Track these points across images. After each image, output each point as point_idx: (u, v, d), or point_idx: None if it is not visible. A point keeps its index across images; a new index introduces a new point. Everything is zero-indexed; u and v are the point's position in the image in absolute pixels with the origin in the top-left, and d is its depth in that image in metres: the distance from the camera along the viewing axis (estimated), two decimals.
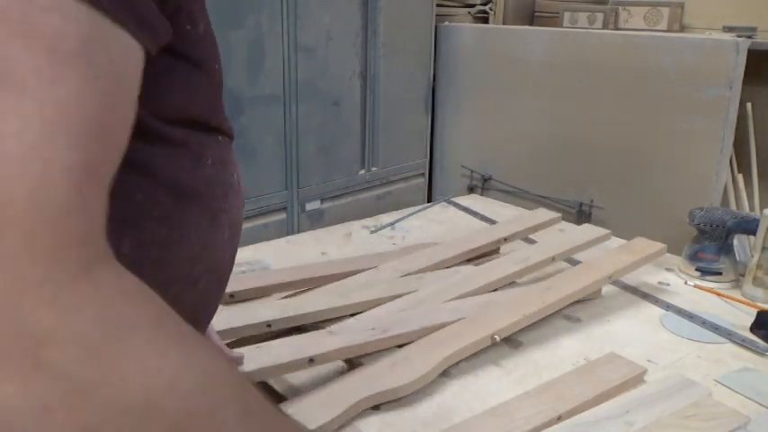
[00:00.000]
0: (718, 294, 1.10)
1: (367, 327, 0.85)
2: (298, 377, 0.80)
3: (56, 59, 0.29)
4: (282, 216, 1.93)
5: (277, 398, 0.76)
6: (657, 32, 2.08)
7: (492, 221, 1.42)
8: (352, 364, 0.83)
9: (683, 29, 2.30)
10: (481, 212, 1.50)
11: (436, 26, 2.33)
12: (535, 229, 1.24)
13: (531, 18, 2.58)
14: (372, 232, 1.36)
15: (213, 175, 0.49)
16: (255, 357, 0.76)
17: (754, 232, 1.10)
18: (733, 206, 2.03)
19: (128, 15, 0.33)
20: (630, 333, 0.97)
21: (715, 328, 0.97)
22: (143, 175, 0.43)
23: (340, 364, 0.84)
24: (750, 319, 0.99)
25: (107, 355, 0.28)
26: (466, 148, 2.41)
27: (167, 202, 0.45)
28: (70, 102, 0.29)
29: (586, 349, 0.91)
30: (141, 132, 0.40)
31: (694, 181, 1.81)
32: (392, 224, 1.41)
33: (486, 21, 2.47)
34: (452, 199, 1.60)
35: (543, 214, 1.30)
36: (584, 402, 0.76)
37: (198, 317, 0.53)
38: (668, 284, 1.14)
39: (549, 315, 0.95)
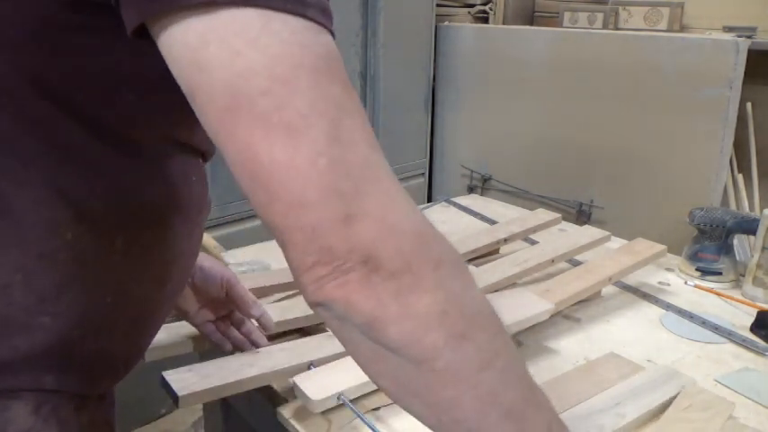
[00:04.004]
0: (719, 294, 1.10)
1: None
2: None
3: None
4: None
5: (277, 399, 0.76)
6: (657, 32, 2.08)
7: (492, 221, 1.42)
8: None
9: (682, 29, 2.30)
10: (481, 212, 1.50)
11: (436, 26, 2.33)
12: (535, 229, 1.24)
13: (531, 18, 2.58)
14: None
15: (197, 191, 0.56)
16: (255, 362, 0.76)
17: (754, 232, 1.10)
18: (733, 206, 2.04)
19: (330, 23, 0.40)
20: (630, 333, 0.97)
21: (715, 328, 0.97)
22: (139, 186, 0.49)
23: None
24: (750, 319, 0.99)
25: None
26: (466, 148, 2.41)
27: (158, 211, 0.51)
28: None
29: (586, 349, 0.91)
30: (146, 150, 0.48)
31: (694, 181, 1.81)
32: None
33: (486, 21, 2.47)
34: (452, 199, 1.60)
35: (543, 214, 1.30)
36: (584, 402, 0.76)
37: (160, 315, 0.60)
38: (668, 284, 1.14)
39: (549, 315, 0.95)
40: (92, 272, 0.49)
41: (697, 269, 1.16)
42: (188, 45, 0.35)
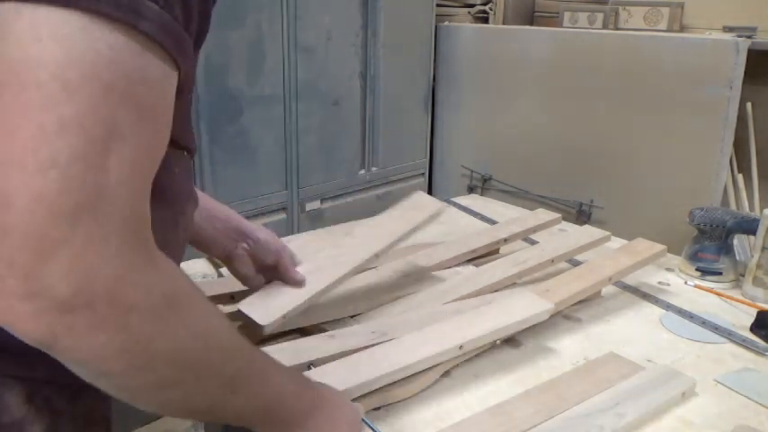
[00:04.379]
0: (719, 294, 1.10)
1: (367, 330, 0.85)
2: None
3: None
4: (282, 216, 1.93)
5: None
6: (657, 32, 2.08)
7: (492, 221, 1.42)
8: None
9: (682, 29, 2.30)
10: (481, 212, 1.50)
11: (436, 26, 2.33)
12: (535, 229, 1.24)
13: (531, 18, 2.58)
14: None
15: (179, 182, 0.57)
16: None
17: (754, 232, 1.10)
18: (733, 206, 2.03)
19: (175, 48, 0.40)
20: (630, 333, 0.97)
21: (715, 328, 0.97)
22: None
23: None
24: (750, 319, 0.99)
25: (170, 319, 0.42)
26: (466, 148, 2.41)
27: None
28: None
29: (586, 349, 0.91)
30: None
31: (694, 181, 1.80)
32: None
33: (486, 21, 2.47)
34: (452, 199, 1.60)
35: (543, 214, 1.30)
36: (584, 402, 0.76)
37: None
38: (668, 284, 1.14)
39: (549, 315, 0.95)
40: None
41: (697, 269, 1.16)
42: None
